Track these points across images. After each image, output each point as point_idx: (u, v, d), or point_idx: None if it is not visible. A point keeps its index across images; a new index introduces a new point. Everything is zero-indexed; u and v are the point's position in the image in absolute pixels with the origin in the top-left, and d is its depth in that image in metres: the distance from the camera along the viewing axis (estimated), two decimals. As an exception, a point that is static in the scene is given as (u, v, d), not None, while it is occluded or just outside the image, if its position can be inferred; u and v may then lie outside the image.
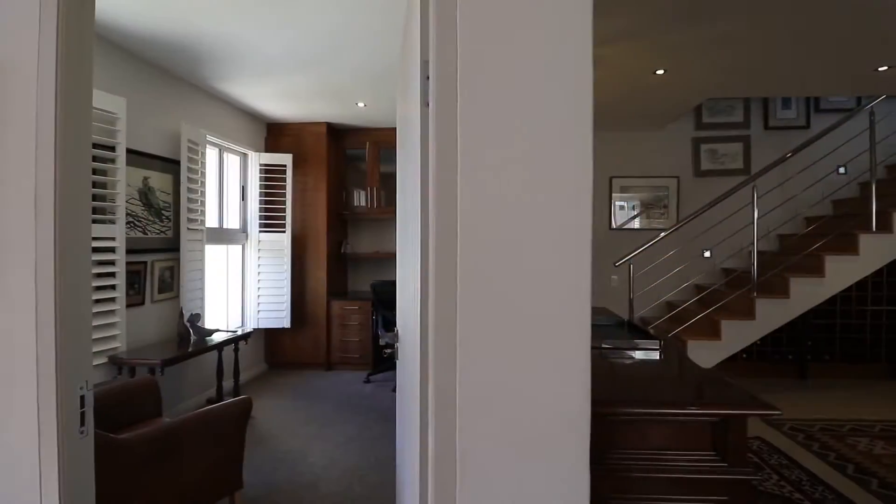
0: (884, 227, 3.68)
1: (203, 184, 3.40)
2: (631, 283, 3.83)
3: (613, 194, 4.79)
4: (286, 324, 4.12)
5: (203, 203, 3.40)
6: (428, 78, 0.94)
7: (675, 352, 1.66)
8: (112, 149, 2.64)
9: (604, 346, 1.66)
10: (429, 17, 0.94)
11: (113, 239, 2.67)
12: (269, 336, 4.37)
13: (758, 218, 3.86)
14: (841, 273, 3.65)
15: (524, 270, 0.91)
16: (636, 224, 4.82)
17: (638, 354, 1.63)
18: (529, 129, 0.92)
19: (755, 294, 3.69)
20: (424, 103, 0.96)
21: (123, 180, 2.72)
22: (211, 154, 3.75)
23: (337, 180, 4.61)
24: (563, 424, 0.91)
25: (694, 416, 1.16)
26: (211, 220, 3.72)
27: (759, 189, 3.94)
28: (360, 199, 4.67)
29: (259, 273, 4.12)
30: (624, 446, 1.22)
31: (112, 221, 2.68)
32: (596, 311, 2.57)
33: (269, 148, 4.36)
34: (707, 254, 4.52)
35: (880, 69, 3.22)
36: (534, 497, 0.92)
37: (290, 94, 3.66)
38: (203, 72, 3.20)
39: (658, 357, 1.60)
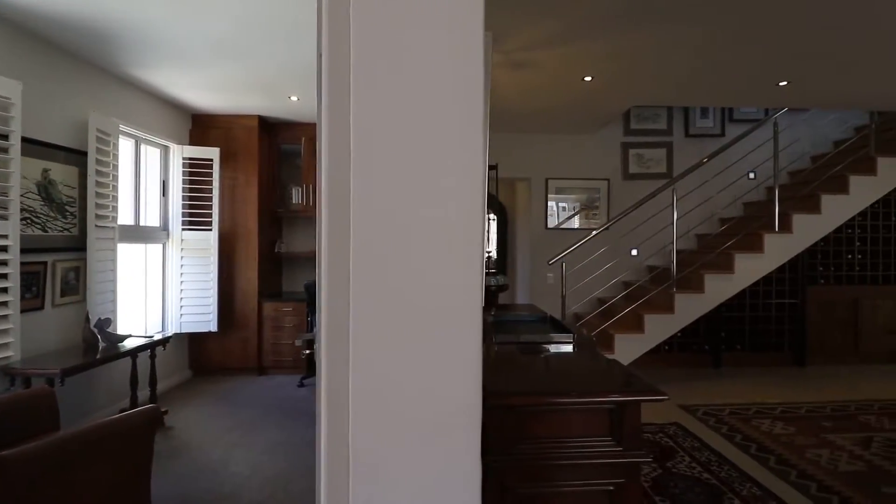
0: (785, 227, 4.05)
1: (115, 177, 3.14)
2: (563, 280, 3.97)
3: (549, 195, 4.94)
4: (213, 327, 3.90)
5: (115, 198, 3.14)
6: (321, 72, 0.91)
7: (588, 345, 1.73)
8: (5, 137, 2.38)
9: (521, 340, 1.70)
10: (322, 8, 0.91)
11: (5, 237, 2.40)
12: (193, 341, 4.12)
13: (677, 219, 4.13)
14: (748, 269, 3.98)
15: (416, 268, 0.91)
16: (575, 223, 5.00)
17: (553, 348, 1.69)
18: (423, 127, 0.91)
19: (675, 290, 3.95)
20: (319, 99, 0.93)
21: (18, 172, 2.46)
22: (125, 146, 3.48)
23: (270, 176, 4.43)
24: (455, 418, 0.92)
25: (593, 404, 1.21)
26: (125, 217, 3.45)
27: (679, 192, 4.22)
28: (296, 196, 4.52)
29: (182, 274, 3.88)
30: (532, 436, 1.25)
31: (4, 217, 2.41)
32: (523, 308, 2.64)
33: (195, 141, 4.11)
34: (634, 252, 4.80)
35: (781, 84, 3.54)
36: (426, 490, 0.92)
37: (217, 85, 3.47)
38: (116, 56, 2.96)
39: (571, 350, 1.66)
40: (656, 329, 3.88)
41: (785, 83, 3.50)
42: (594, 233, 4.16)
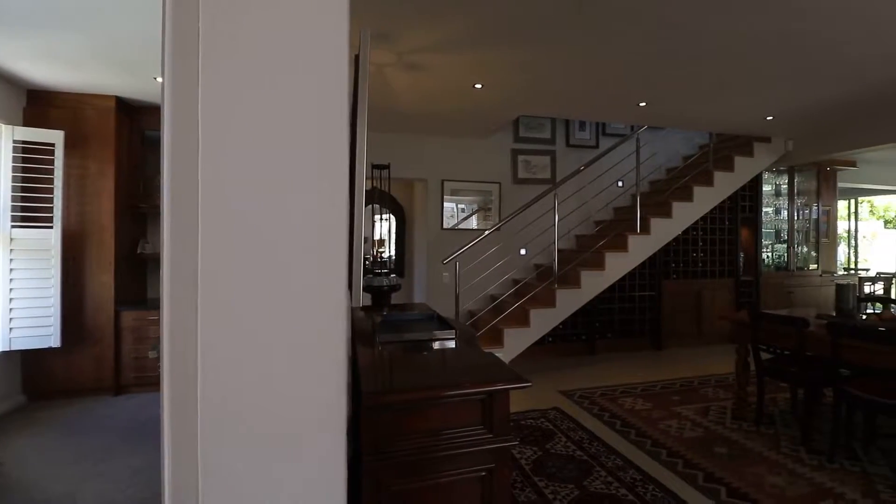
0: (644, 229, 4.63)
1: None
2: (457, 279, 4.08)
3: (445, 196, 5.05)
4: (54, 342, 3.30)
5: None
6: (164, 52, 0.81)
7: (470, 339, 1.78)
8: None
9: (404, 339, 1.70)
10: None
11: None
12: (29, 359, 3.44)
13: (559, 220, 4.49)
14: (616, 266, 4.47)
15: (273, 268, 0.85)
16: (473, 224, 5.17)
17: (437, 344, 1.71)
18: (281, 119, 0.85)
19: (556, 286, 4.28)
20: (163, 82, 0.82)
21: None
22: (-74, 121, 2.79)
23: (131, 166, 3.88)
24: (319, 424, 0.88)
25: (466, 396, 1.24)
26: (-74, 210, 2.77)
27: (560, 196, 4.59)
28: (166, 190, 4.01)
29: (12, 280, 3.22)
30: (409, 432, 1.25)
31: None
32: (415, 307, 2.65)
33: (31, 121, 3.44)
34: (523, 251, 5.11)
35: (641, 105, 4.03)
36: (288, 499, 0.86)
37: (59, 56, 2.94)
38: None
39: (454, 345, 1.70)
40: (540, 322, 4.17)
41: (644, 104, 4.00)
42: (486, 233, 4.35)
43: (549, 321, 4.23)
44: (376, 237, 3.54)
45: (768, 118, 4.40)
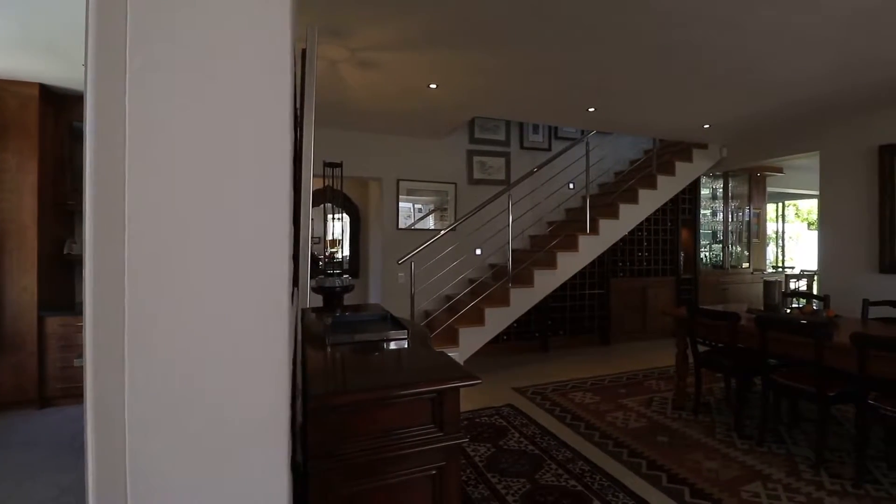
0: (594, 230, 4.81)
1: None
2: (412, 279, 4.07)
3: (401, 196, 5.02)
4: (-33, 352, 2.99)
5: None
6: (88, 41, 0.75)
7: (422, 339, 1.78)
8: None
9: (355, 340, 1.67)
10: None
11: None
12: (-63, 372, 3.10)
13: (513, 221, 4.58)
14: (567, 265, 4.62)
15: (207, 267, 0.81)
16: (430, 224, 5.16)
17: (388, 345, 1.70)
18: (218, 114, 0.81)
19: (510, 285, 4.37)
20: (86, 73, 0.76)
21: None
22: None
23: (57, 160, 3.57)
24: (260, 430, 0.85)
25: (416, 395, 1.24)
26: None
27: (514, 197, 4.68)
28: (99, 187, 3.73)
29: (-85, 284, 2.89)
30: (358, 433, 1.23)
31: None
32: (369, 308, 2.61)
33: (-63, 108, 3.11)
34: (478, 251, 5.17)
35: (590, 110, 4.18)
36: (226, 511, 0.82)
37: (-30, 37, 2.67)
38: None
39: (406, 345, 1.69)
40: (495, 321, 4.24)
41: (593, 109, 4.15)
42: (441, 233, 4.37)
43: (504, 320, 4.31)
44: (330, 237, 3.47)
45: (705, 126, 4.70)
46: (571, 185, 5.65)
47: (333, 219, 3.14)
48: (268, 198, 0.84)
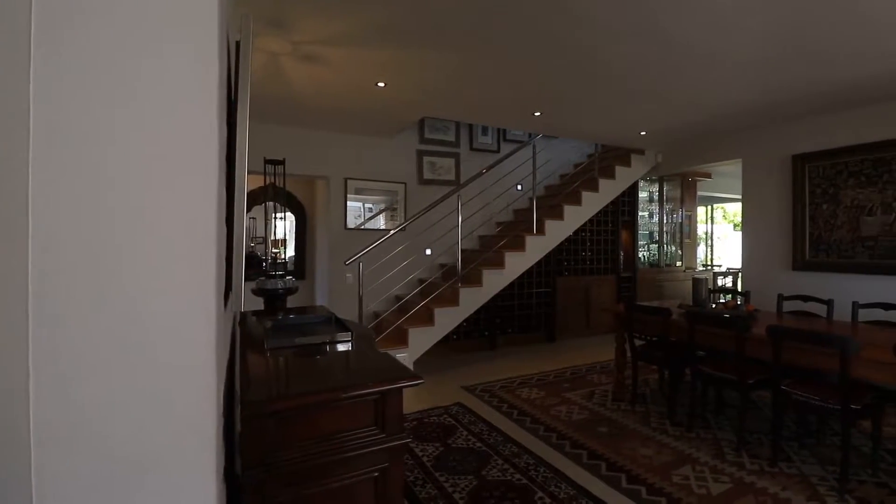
0: (540, 230, 4.95)
1: None
2: (360, 280, 4.01)
3: (349, 195, 4.93)
4: None
5: None
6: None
7: (367, 340, 1.76)
8: None
9: (296, 343, 1.63)
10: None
11: None
12: None
13: (462, 221, 4.63)
14: (515, 265, 4.73)
15: (124, 268, 0.76)
16: (381, 223, 5.10)
17: (331, 347, 1.66)
18: (137, 105, 0.76)
19: (460, 284, 4.41)
20: None
21: None
22: None
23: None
24: (186, 442, 0.80)
25: (358, 397, 1.22)
26: None
27: (464, 198, 4.74)
28: None
29: None
30: (298, 439, 1.19)
31: None
32: (314, 310, 2.54)
33: None
34: (428, 251, 5.17)
35: (536, 114, 4.30)
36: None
37: None
38: None
39: (350, 347, 1.66)
40: (445, 320, 4.27)
41: (539, 114, 4.27)
42: (391, 233, 4.33)
43: (454, 319, 4.34)
44: (274, 237, 3.34)
45: (642, 133, 4.98)
46: (519, 187, 5.79)
47: (276, 218, 3.04)
48: (193, 196, 0.80)
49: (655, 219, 6.97)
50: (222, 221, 1.05)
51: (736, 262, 8.16)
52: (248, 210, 4.98)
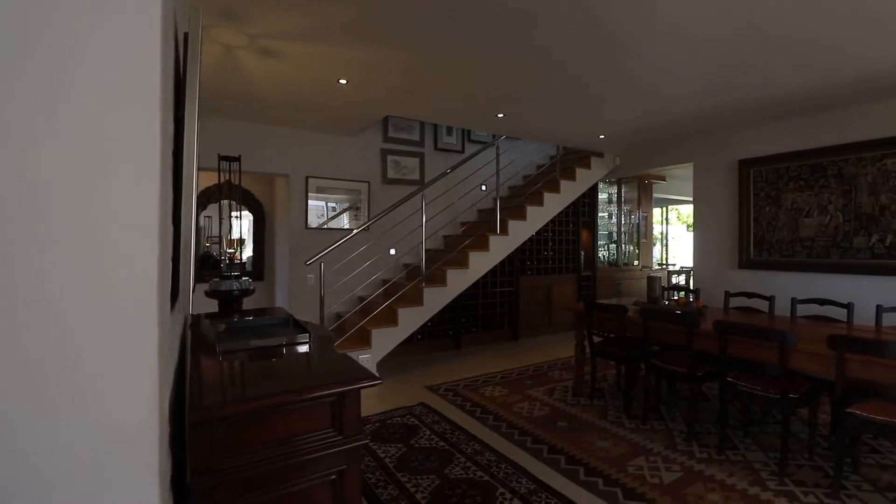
0: (503, 230, 5.01)
1: None
2: (322, 280, 3.94)
3: (310, 194, 4.83)
4: None
5: None
6: None
7: (326, 342, 1.73)
8: None
9: (251, 346, 1.58)
10: None
11: None
12: None
13: (426, 221, 4.62)
14: (479, 264, 4.77)
15: (59, 270, 0.71)
16: (345, 223, 5.01)
17: (289, 349, 1.62)
18: (68, 94, 0.71)
19: (424, 284, 4.40)
20: None
21: None
22: None
23: None
24: (126, 453, 0.76)
25: (313, 400, 1.20)
26: None
27: (428, 197, 4.73)
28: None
29: None
30: (252, 444, 1.16)
31: None
32: (268, 312, 2.47)
33: None
34: (392, 251, 5.14)
35: (499, 116, 4.35)
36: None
37: None
38: None
39: (307, 349, 1.63)
40: (409, 321, 4.25)
41: (502, 115, 4.32)
42: (354, 232, 4.27)
43: (418, 319, 4.33)
44: (230, 237, 3.22)
45: (601, 137, 5.13)
46: (483, 187, 5.85)
47: (231, 217, 2.93)
48: (132, 194, 0.75)
49: (614, 219, 7.20)
50: (167, 219, 1.00)
51: (689, 262, 8.56)
52: (204, 208, 4.78)
